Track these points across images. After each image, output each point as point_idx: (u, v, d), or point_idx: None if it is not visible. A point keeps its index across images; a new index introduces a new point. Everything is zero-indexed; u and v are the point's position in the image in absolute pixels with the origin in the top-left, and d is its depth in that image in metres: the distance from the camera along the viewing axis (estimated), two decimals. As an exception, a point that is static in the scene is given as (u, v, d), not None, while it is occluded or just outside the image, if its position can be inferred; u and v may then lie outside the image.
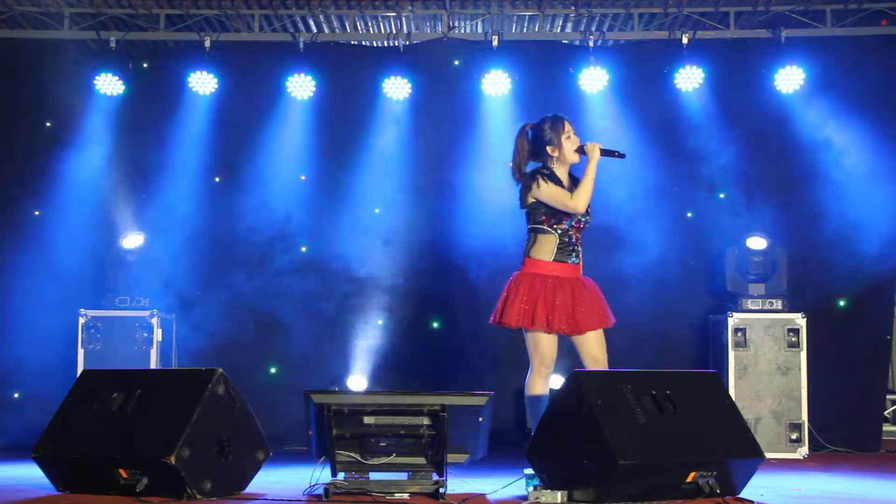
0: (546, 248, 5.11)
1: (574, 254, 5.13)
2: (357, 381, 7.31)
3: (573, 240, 5.12)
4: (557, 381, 6.84)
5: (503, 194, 7.64)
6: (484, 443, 4.67)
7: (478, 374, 7.59)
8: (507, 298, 5.13)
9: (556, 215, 5.08)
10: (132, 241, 7.28)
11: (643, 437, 4.25)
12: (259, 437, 4.78)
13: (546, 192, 5.07)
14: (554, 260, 5.10)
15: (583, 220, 5.14)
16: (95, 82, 7.65)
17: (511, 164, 5.25)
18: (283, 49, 7.78)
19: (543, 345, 5.07)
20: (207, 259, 7.70)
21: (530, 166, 5.20)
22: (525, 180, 5.15)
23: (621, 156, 5.16)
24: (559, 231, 5.10)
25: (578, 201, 5.03)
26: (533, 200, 5.12)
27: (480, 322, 7.58)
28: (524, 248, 5.19)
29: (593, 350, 5.10)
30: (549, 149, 5.15)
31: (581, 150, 5.13)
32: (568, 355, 5.51)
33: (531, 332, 5.07)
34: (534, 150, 5.20)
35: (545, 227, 5.11)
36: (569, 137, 5.15)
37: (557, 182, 5.09)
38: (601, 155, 5.11)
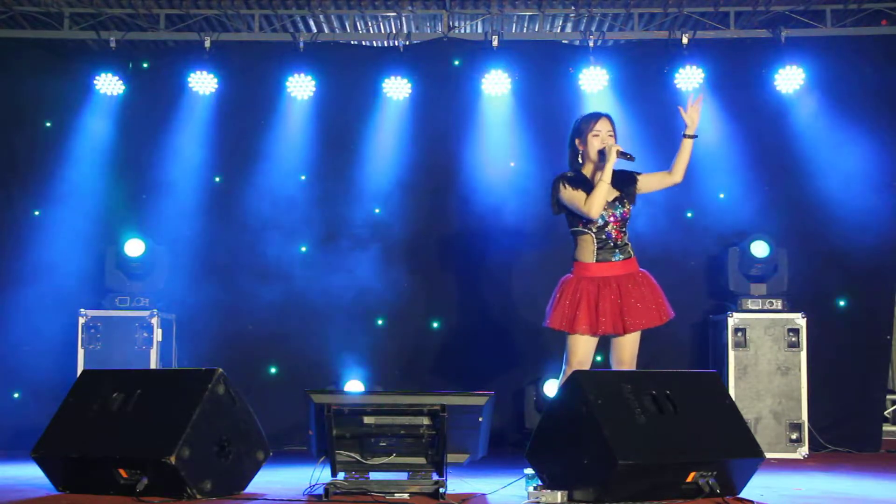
0: (586, 249, 5.12)
1: (617, 250, 5.10)
2: (355, 386, 7.29)
3: (613, 236, 5.10)
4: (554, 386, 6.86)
5: (503, 194, 7.71)
6: (484, 443, 4.67)
7: (478, 374, 7.59)
8: (553, 302, 5.15)
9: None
10: (132, 241, 7.27)
11: (643, 437, 4.25)
12: (259, 437, 4.78)
13: (566, 196, 5.10)
14: (597, 261, 5.10)
15: (618, 213, 5.11)
16: (95, 82, 7.65)
17: None
18: (283, 49, 7.78)
19: (581, 350, 5.06)
20: (207, 259, 7.70)
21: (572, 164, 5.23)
22: (552, 187, 5.19)
23: (631, 158, 5.12)
24: (594, 230, 5.10)
25: (591, 207, 5.03)
26: (561, 206, 5.16)
27: (480, 321, 7.63)
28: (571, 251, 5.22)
29: (622, 352, 5.10)
30: (577, 141, 5.19)
31: (602, 152, 5.13)
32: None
33: (571, 336, 5.07)
34: (570, 141, 5.24)
35: (580, 229, 5.13)
36: (596, 135, 5.13)
37: (578, 185, 5.08)
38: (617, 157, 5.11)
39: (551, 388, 7.04)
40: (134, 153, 7.78)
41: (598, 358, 5.53)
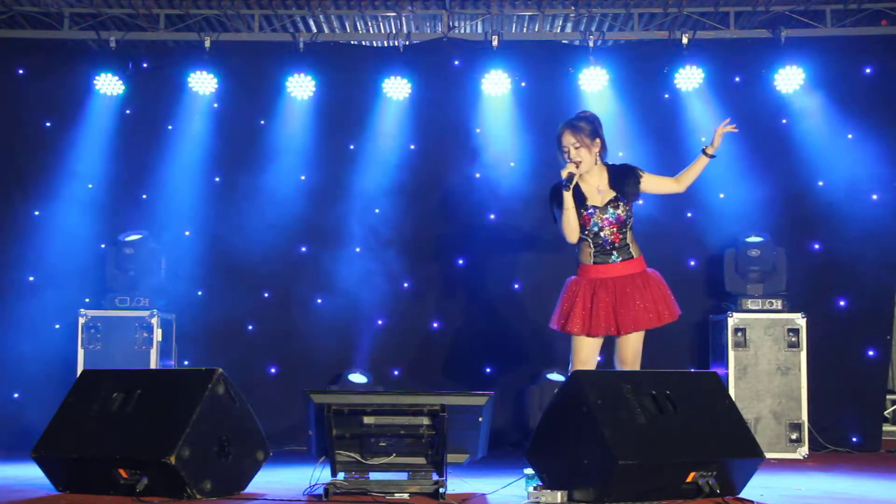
0: (585, 252, 5.15)
1: (615, 252, 5.10)
2: (357, 377, 7.30)
3: (609, 240, 5.10)
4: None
5: (503, 194, 7.70)
6: (484, 443, 4.67)
7: (478, 374, 7.59)
8: (557, 303, 5.18)
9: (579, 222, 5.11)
10: (132, 241, 7.27)
11: (643, 437, 4.25)
12: (259, 437, 4.78)
13: (556, 211, 5.16)
14: (595, 263, 5.11)
15: (612, 216, 5.10)
16: (95, 82, 7.65)
17: None
18: (283, 49, 7.78)
19: (584, 351, 5.08)
20: (207, 259, 7.70)
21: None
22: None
23: (567, 186, 5.05)
24: (591, 236, 5.11)
25: (564, 234, 5.10)
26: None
27: (480, 322, 7.63)
28: None
29: (624, 352, 5.11)
30: None
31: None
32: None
33: (574, 337, 5.10)
34: None
35: (574, 241, 5.15)
36: (564, 152, 5.12)
37: (559, 202, 5.08)
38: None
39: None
40: (134, 153, 7.78)
41: (598, 358, 5.52)
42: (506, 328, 7.61)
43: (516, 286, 7.70)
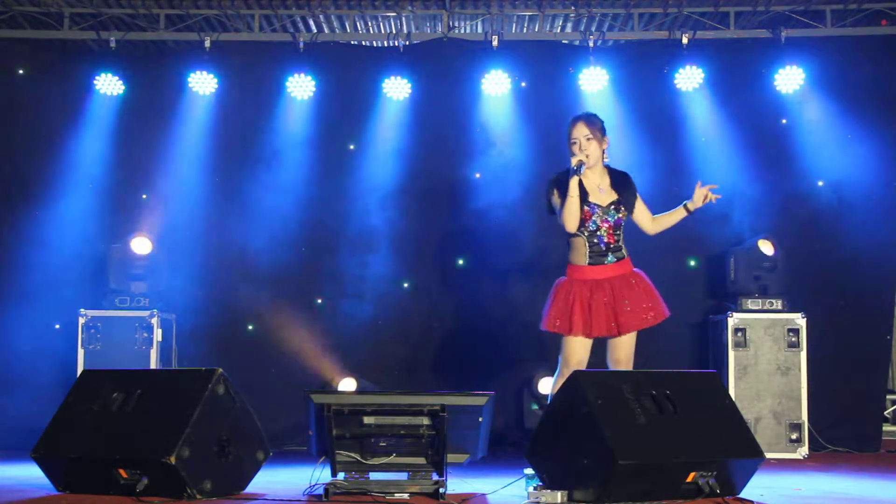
0: (579, 252, 5.13)
1: (609, 253, 5.10)
2: (347, 383, 7.30)
3: (605, 240, 5.10)
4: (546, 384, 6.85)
5: (502, 194, 7.70)
6: (484, 443, 4.67)
7: (478, 374, 7.58)
8: (548, 305, 5.16)
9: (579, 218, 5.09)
10: (132, 241, 7.27)
11: (643, 437, 4.25)
12: (259, 437, 4.78)
13: (553, 201, 5.15)
14: (590, 263, 5.10)
15: (612, 219, 5.11)
16: (95, 82, 7.65)
17: None
18: (283, 49, 7.78)
19: (579, 351, 5.07)
20: (207, 259, 7.70)
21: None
22: (546, 188, 5.21)
23: (577, 171, 5.07)
24: (586, 234, 5.10)
25: (564, 222, 5.07)
26: (551, 208, 5.18)
27: (480, 322, 7.63)
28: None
29: (618, 352, 5.10)
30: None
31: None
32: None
33: (566, 338, 5.08)
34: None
35: (574, 231, 5.12)
36: (574, 143, 5.13)
37: (564, 191, 5.06)
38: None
39: (545, 385, 7.09)
40: (134, 153, 7.78)
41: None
42: (505, 328, 7.61)
43: (516, 286, 7.69)
